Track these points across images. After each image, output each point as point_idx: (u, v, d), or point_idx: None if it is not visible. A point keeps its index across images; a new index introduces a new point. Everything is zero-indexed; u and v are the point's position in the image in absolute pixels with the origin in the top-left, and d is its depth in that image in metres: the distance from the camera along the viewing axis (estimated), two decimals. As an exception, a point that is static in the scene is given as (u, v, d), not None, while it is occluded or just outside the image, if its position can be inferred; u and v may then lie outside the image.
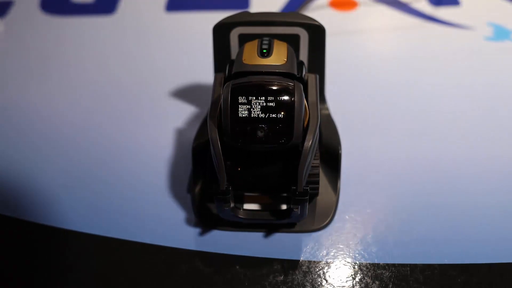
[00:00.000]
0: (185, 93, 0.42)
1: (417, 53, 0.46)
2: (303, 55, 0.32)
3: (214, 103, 0.27)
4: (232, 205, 0.27)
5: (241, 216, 0.28)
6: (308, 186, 0.26)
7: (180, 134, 0.36)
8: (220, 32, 0.31)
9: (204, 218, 0.31)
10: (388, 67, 0.45)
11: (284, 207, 0.30)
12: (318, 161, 0.28)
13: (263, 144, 0.25)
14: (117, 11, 0.54)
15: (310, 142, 0.25)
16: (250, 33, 0.31)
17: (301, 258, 0.29)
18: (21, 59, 0.48)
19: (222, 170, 0.25)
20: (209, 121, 0.26)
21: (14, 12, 0.55)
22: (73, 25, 0.52)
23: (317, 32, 0.31)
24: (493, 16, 0.50)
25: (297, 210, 0.26)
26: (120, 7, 0.54)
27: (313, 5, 0.53)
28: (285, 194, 0.29)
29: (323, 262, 0.29)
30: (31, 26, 0.52)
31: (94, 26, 0.52)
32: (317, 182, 0.28)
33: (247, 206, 0.31)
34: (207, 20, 0.38)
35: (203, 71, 0.40)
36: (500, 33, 0.48)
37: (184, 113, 0.40)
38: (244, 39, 0.31)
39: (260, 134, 0.24)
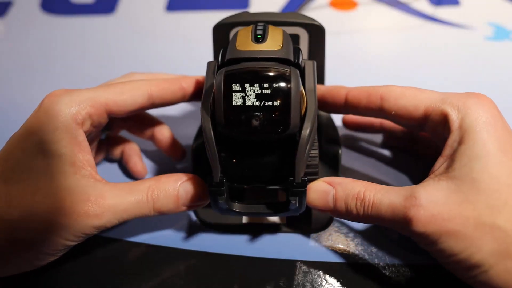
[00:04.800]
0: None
1: (417, 53, 0.46)
2: (303, 55, 0.32)
3: (207, 91, 0.25)
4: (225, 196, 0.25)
5: (236, 210, 0.26)
6: (306, 177, 0.25)
7: (180, 134, 0.36)
8: (220, 32, 0.31)
9: (204, 218, 0.31)
10: (388, 67, 0.45)
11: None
12: (316, 151, 0.27)
13: (259, 133, 0.23)
14: (117, 11, 0.54)
15: (308, 131, 0.23)
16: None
17: (301, 258, 0.29)
18: (21, 59, 0.48)
19: (215, 161, 0.24)
20: (201, 110, 0.25)
21: (14, 12, 0.55)
22: (73, 25, 0.52)
23: (317, 32, 0.31)
24: (493, 16, 0.50)
25: (295, 203, 0.25)
26: (120, 7, 0.54)
27: (313, 5, 0.53)
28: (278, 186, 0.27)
29: (323, 262, 0.29)
30: (31, 26, 0.52)
31: (94, 26, 0.52)
32: (316, 173, 0.27)
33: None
34: (207, 20, 0.38)
35: (203, 71, 0.40)
36: (500, 33, 0.48)
37: (184, 113, 0.40)
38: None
39: (255, 123, 0.23)
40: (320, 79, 0.33)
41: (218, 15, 0.32)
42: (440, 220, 0.23)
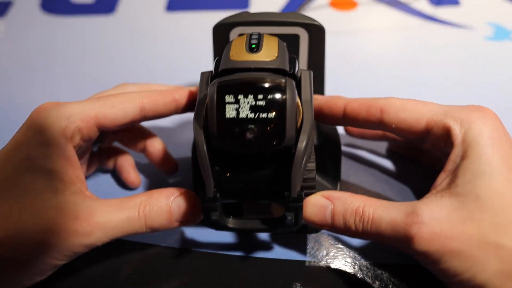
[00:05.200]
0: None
1: (417, 53, 0.46)
2: (303, 55, 0.32)
3: (200, 103, 0.25)
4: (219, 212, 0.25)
5: (230, 226, 0.25)
6: (303, 192, 0.24)
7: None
8: (220, 32, 0.31)
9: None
10: (388, 67, 0.45)
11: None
12: (313, 164, 0.25)
13: (253, 147, 0.22)
14: (117, 11, 0.54)
15: (304, 144, 0.23)
16: (250, 33, 0.31)
17: (301, 258, 0.29)
18: (21, 59, 0.48)
19: (208, 175, 0.23)
20: (194, 122, 0.24)
21: (14, 12, 0.55)
22: (73, 25, 0.52)
23: (317, 32, 0.31)
24: (493, 16, 0.50)
25: (291, 218, 0.24)
26: (120, 7, 0.54)
27: (313, 5, 0.53)
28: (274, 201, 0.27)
29: (323, 262, 0.29)
30: (31, 26, 0.52)
31: (94, 26, 0.52)
32: (313, 187, 0.26)
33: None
34: (207, 20, 0.38)
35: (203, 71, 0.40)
36: (500, 33, 0.48)
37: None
38: (244, 39, 0.31)
39: (249, 136, 0.22)
40: (320, 79, 0.33)
41: (218, 15, 0.32)
42: (443, 238, 0.22)
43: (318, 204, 0.25)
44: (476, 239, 0.22)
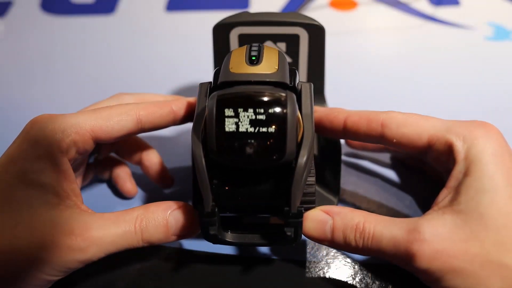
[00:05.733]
0: (185, 94, 0.42)
1: (417, 53, 0.46)
2: (303, 55, 0.32)
3: (199, 115, 0.24)
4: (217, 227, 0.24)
5: (229, 240, 0.25)
6: (302, 207, 0.23)
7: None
8: (220, 32, 0.31)
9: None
10: (388, 67, 0.45)
11: None
12: (313, 178, 0.25)
13: (253, 161, 0.22)
14: (117, 11, 0.54)
15: (305, 159, 0.22)
16: (250, 33, 0.31)
17: (301, 258, 0.29)
18: (21, 59, 0.48)
19: (207, 189, 0.23)
20: (192, 135, 0.23)
21: (14, 12, 0.55)
22: (73, 25, 0.52)
23: (317, 32, 0.31)
24: (493, 16, 0.50)
25: (291, 234, 0.24)
26: (120, 7, 0.54)
27: (313, 5, 0.53)
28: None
29: (323, 262, 0.29)
30: (31, 26, 0.52)
31: (94, 26, 0.52)
32: (313, 202, 0.25)
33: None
34: (207, 20, 0.38)
35: (203, 71, 0.40)
36: (500, 33, 0.48)
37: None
38: (244, 39, 0.31)
39: (249, 150, 0.22)
40: (320, 79, 0.33)
41: (218, 15, 0.32)
42: (446, 256, 0.22)
43: (318, 219, 0.25)
44: (479, 258, 0.22)
